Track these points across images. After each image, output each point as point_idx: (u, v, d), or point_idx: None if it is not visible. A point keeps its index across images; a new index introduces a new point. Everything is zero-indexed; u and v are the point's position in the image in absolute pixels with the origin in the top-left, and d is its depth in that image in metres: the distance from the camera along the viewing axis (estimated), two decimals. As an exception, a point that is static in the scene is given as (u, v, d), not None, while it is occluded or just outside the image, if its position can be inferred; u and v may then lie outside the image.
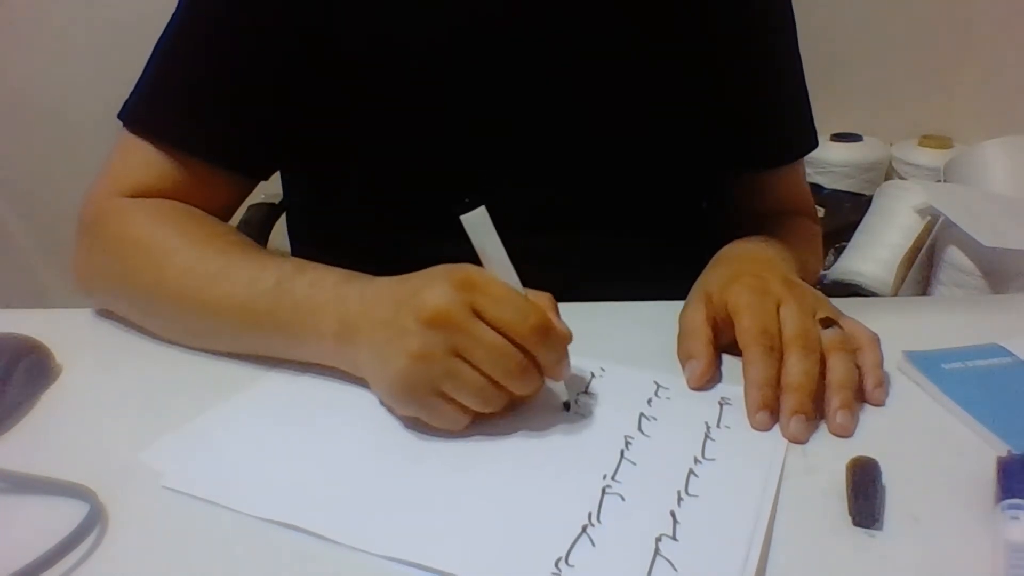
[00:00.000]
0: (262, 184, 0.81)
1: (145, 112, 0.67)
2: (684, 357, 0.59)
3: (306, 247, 0.83)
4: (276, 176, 0.81)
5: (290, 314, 0.55)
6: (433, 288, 0.48)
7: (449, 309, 0.47)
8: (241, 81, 0.66)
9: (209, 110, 0.67)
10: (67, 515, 0.43)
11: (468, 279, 0.49)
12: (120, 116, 0.67)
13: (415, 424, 0.51)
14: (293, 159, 0.76)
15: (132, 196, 0.65)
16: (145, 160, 0.66)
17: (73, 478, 0.46)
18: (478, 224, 0.49)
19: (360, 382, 0.54)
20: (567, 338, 0.51)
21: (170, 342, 0.62)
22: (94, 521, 0.43)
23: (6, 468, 0.47)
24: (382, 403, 0.53)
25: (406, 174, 0.71)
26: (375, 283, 0.54)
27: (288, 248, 0.87)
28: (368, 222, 0.73)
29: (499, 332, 0.48)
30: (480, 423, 0.51)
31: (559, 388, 0.53)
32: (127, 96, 0.68)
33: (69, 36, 1.66)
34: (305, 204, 0.81)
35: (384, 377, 0.51)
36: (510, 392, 0.50)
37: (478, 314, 0.48)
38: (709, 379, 0.57)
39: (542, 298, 0.51)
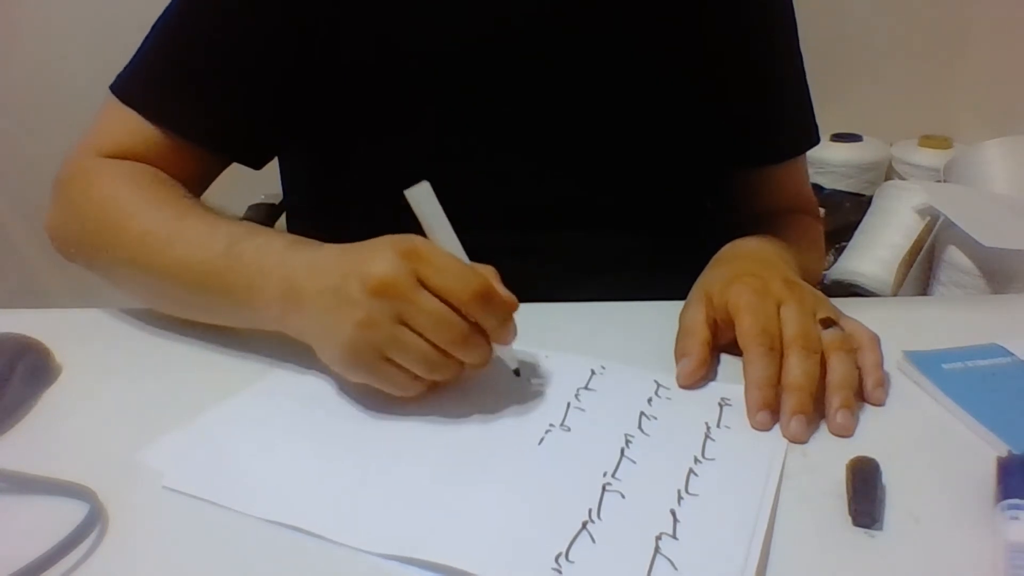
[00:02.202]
0: (262, 184, 0.81)
1: (128, 81, 0.69)
2: (679, 355, 0.59)
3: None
4: (276, 176, 0.82)
5: (237, 277, 0.56)
6: (379, 258, 0.49)
7: (394, 278, 0.48)
8: (228, 63, 0.67)
9: (187, 85, 0.68)
10: (67, 515, 0.43)
11: (413, 249, 0.50)
12: (110, 86, 0.69)
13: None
14: (293, 151, 0.76)
15: (110, 156, 0.67)
16: (125, 126, 0.67)
17: (73, 478, 0.46)
18: (422, 198, 0.50)
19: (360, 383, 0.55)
20: (511, 304, 0.52)
21: (166, 339, 0.62)
22: (94, 521, 0.43)
23: (6, 468, 0.47)
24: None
25: (405, 173, 0.71)
26: (323, 250, 0.54)
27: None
28: (368, 222, 0.72)
29: (442, 300, 0.49)
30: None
31: (507, 355, 0.54)
32: None
33: (70, 36, 1.67)
34: (305, 204, 0.81)
35: (331, 345, 0.51)
36: (458, 360, 0.51)
37: (422, 283, 0.49)
38: (700, 378, 0.57)
39: (485, 269, 0.52)
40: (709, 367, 0.58)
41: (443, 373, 0.51)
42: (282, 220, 0.94)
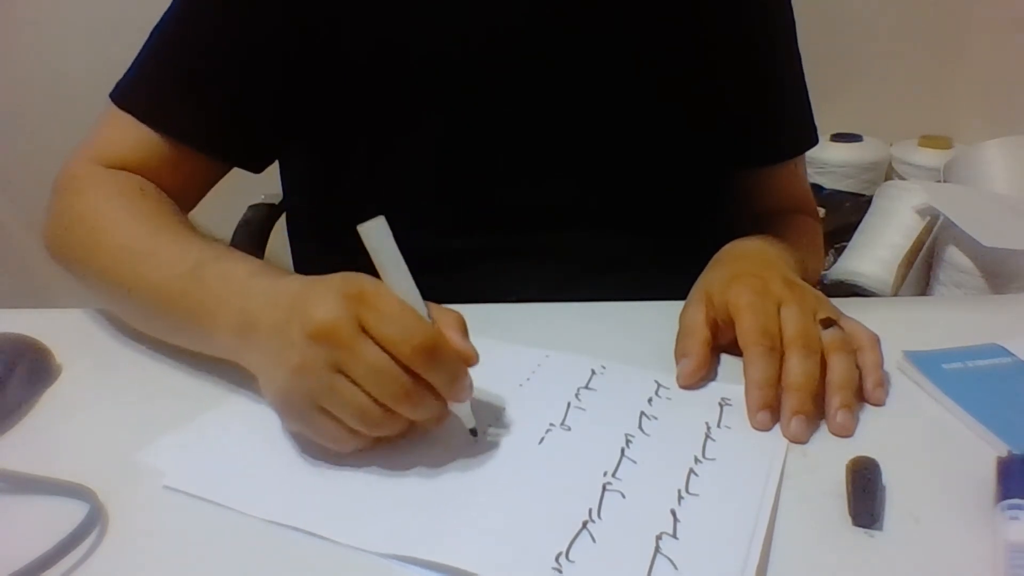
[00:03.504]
0: (262, 184, 0.81)
1: (128, 88, 0.68)
2: (679, 356, 0.59)
3: (306, 247, 0.83)
4: (276, 176, 0.82)
5: (196, 302, 0.54)
6: (322, 300, 0.46)
7: (334, 323, 0.44)
8: (229, 66, 0.67)
9: (188, 91, 0.68)
10: (67, 515, 0.43)
11: (360, 292, 0.46)
12: (110, 94, 0.69)
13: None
14: (293, 154, 0.76)
15: (108, 165, 0.67)
16: (125, 134, 0.67)
17: (73, 478, 0.46)
18: (376, 234, 0.46)
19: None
20: (467, 358, 0.47)
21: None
22: (94, 521, 0.43)
23: (6, 468, 0.47)
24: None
25: (406, 173, 0.71)
26: (283, 282, 0.51)
27: (288, 248, 0.87)
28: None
29: (385, 350, 0.45)
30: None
31: (463, 413, 0.49)
32: None
33: (70, 36, 1.67)
34: (305, 204, 0.81)
35: (269, 387, 0.49)
36: (403, 415, 0.46)
37: (365, 330, 0.45)
38: (700, 378, 0.57)
39: (447, 316, 0.48)
40: (709, 367, 0.58)
41: (383, 429, 0.47)
42: (282, 220, 0.94)
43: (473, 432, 0.50)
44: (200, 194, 0.72)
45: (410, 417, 0.47)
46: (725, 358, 0.60)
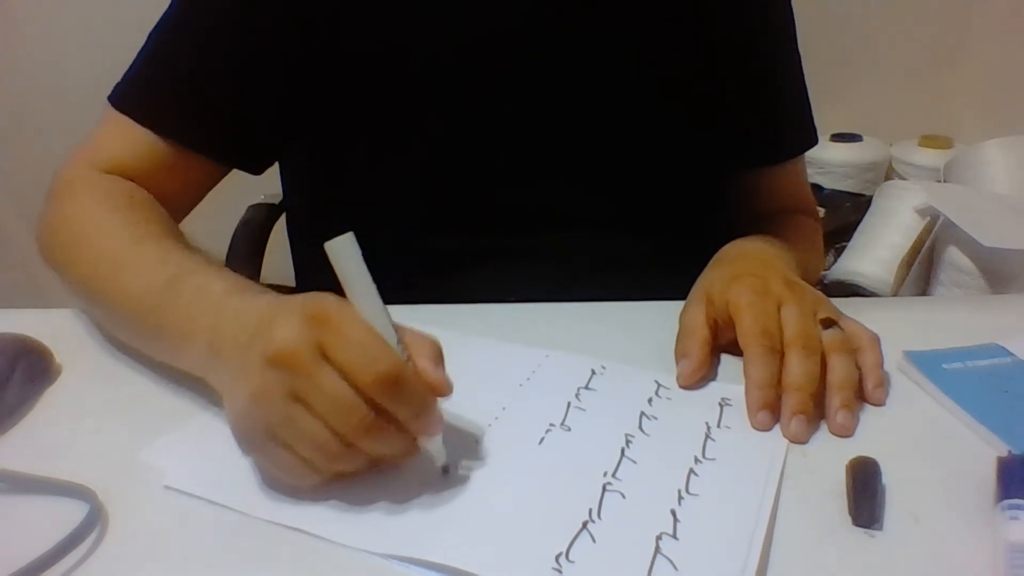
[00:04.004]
0: (262, 184, 0.81)
1: (126, 92, 0.68)
2: (679, 356, 0.59)
3: (306, 247, 0.83)
4: (276, 176, 0.81)
5: (170, 316, 0.52)
6: (284, 323, 0.43)
7: (295, 348, 0.41)
8: (228, 67, 0.67)
9: (187, 92, 0.67)
10: (67, 515, 0.43)
11: (323, 314, 0.43)
12: (108, 97, 0.68)
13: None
14: (293, 154, 0.76)
15: (106, 170, 0.66)
16: (123, 137, 0.67)
17: (73, 478, 0.46)
18: (344, 253, 0.43)
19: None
20: (437, 390, 0.44)
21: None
22: (94, 521, 0.43)
23: (6, 468, 0.47)
24: None
25: (406, 173, 0.71)
26: (256, 300, 0.48)
27: (288, 248, 0.87)
28: (368, 221, 0.72)
29: (346, 378, 0.42)
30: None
31: (434, 448, 0.46)
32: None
33: (70, 36, 1.66)
34: (305, 204, 0.81)
35: (228, 411, 0.46)
36: (365, 450, 0.43)
37: (326, 356, 0.42)
38: (700, 378, 0.57)
39: (420, 343, 0.45)
40: (709, 367, 0.58)
41: (342, 464, 0.44)
42: (282, 220, 0.94)
43: (444, 469, 0.46)
44: (199, 196, 0.72)
45: (372, 452, 0.44)
46: (725, 358, 0.60)
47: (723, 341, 0.60)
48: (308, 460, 0.43)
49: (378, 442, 0.43)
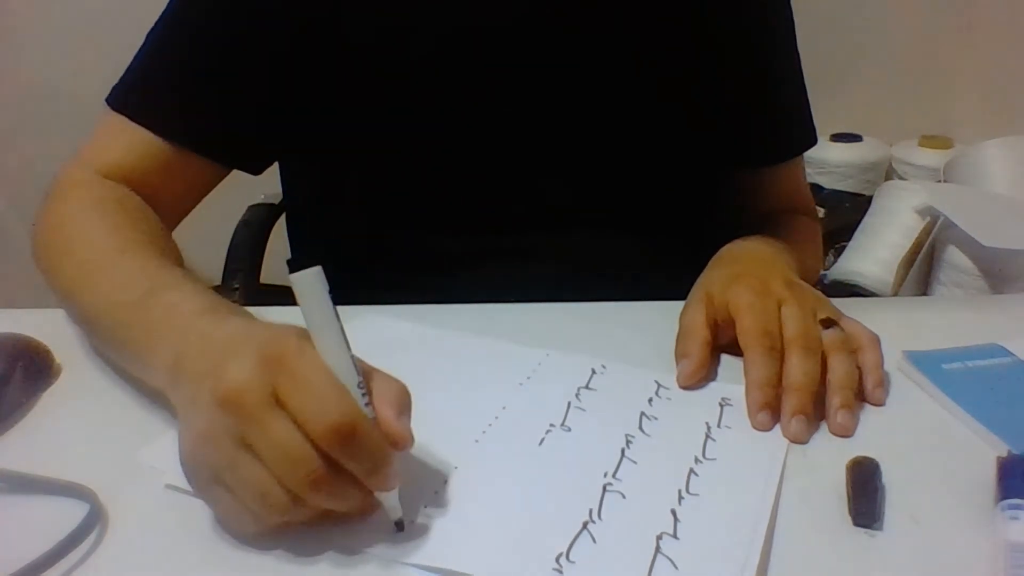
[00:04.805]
0: (262, 184, 0.81)
1: (125, 92, 0.68)
2: (679, 356, 0.59)
3: (306, 247, 0.83)
4: (276, 176, 0.82)
5: (138, 331, 0.51)
6: (238, 360, 0.40)
7: (245, 390, 0.39)
8: (227, 65, 0.67)
9: (186, 92, 0.67)
10: (67, 515, 0.43)
11: (280, 355, 0.40)
12: (106, 98, 0.68)
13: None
14: (293, 154, 0.76)
15: (104, 172, 0.66)
16: (123, 139, 0.67)
17: (73, 478, 0.46)
18: (309, 287, 0.40)
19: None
20: (398, 442, 0.41)
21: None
22: (94, 521, 0.43)
23: (6, 468, 0.47)
24: None
25: (406, 171, 0.71)
26: (224, 325, 0.46)
27: (288, 248, 0.87)
28: (368, 221, 0.73)
29: (299, 427, 0.39)
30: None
31: (389, 503, 0.42)
32: None
33: (70, 36, 1.67)
34: (305, 204, 0.81)
35: (179, 444, 0.43)
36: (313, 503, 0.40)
37: (279, 400, 0.39)
38: (700, 379, 0.57)
39: (386, 389, 0.42)
40: (709, 368, 0.58)
41: (288, 516, 0.40)
42: (282, 220, 0.94)
43: (399, 525, 0.43)
44: (199, 197, 0.72)
45: (321, 506, 0.40)
46: (725, 358, 0.60)
47: (723, 341, 0.60)
48: (250, 509, 0.40)
49: (328, 497, 0.40)
